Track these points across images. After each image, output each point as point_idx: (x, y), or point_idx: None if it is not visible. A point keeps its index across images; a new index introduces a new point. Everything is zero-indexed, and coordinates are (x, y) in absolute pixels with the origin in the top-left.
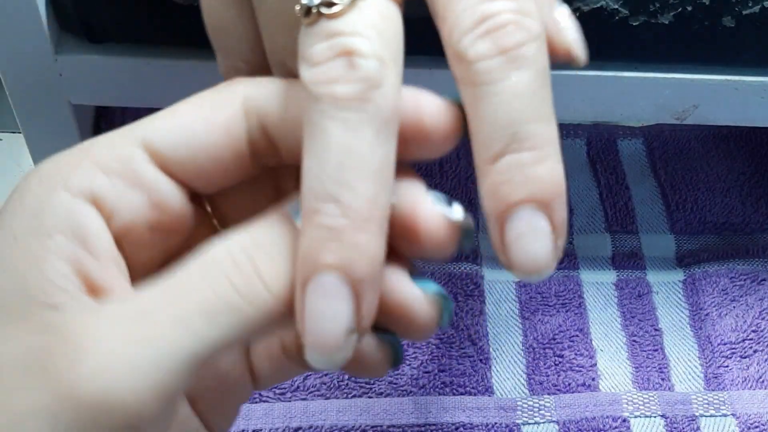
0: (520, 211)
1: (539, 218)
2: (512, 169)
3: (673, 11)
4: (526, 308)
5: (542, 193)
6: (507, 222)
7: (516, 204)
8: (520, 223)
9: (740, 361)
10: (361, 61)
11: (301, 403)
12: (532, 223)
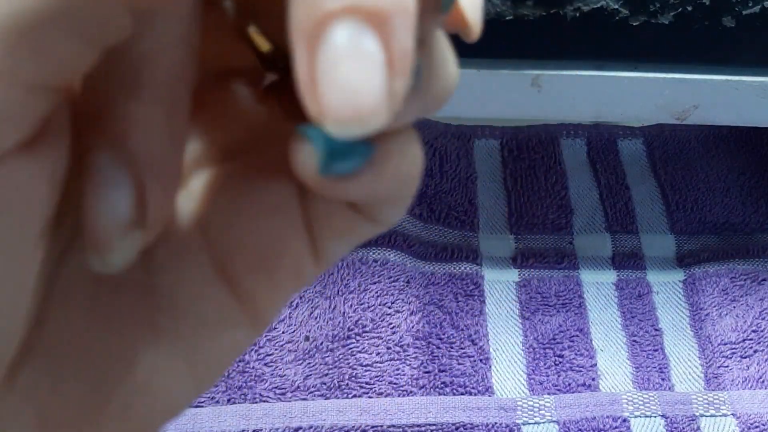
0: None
1: (367, 37)
2: None
3: (673, 11)
4: (526, 308)
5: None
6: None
7: (336, 13)
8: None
9: (740, 361)
10: None
11: (301, 403)
12: (355, 43)
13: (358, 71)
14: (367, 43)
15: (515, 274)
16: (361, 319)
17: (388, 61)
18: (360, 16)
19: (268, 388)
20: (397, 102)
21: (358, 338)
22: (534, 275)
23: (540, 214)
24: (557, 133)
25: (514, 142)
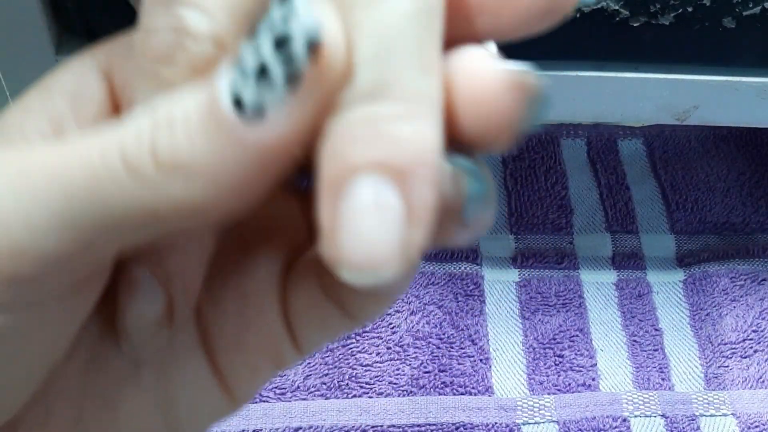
0: (365, 178)
1: (388, 192)
2: (366, 121)
3: (674, 12)
4: (526, 308)
5: (399, 159)
6: (343, 192)
7: (360, 167)
8: (360, 195)
9: (740, 361)
10: (191, 44)
11: (301, 403)
12: (377, 196)
13: (376, 223)
14: (388, 196)
15: (515, 274)
16: None
17: (408, 214)
18: (383, 170)
19: (268, 388)
20: (413, 252)
21: (358, 338)
22: (534, 275)
23: (540, 214)
24: (557, 133)
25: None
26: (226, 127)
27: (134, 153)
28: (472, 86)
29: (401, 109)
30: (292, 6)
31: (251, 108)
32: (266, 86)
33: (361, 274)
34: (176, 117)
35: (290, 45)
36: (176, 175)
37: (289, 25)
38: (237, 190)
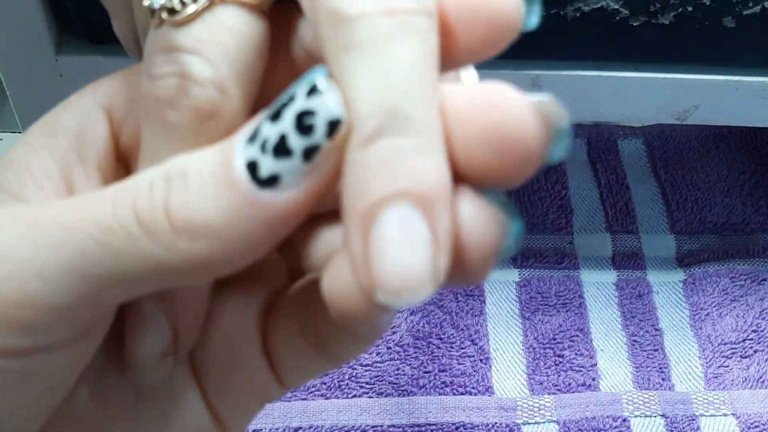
0: (393, 208)
1: (417, 220)
2: (388, 156)
3: (674, 11)
4: (526, 308)
5: (423, 188)
6: (374, 223)
7: (388, 199)
8: (390, 225)
9: (740, 361)
10: (194, 89)
11: (301, 403)
12: (406, 226)
13: (409, 250)
14: (415, 224)
15: (515, 274)
16: None
17: (434, 240)
18: (408, 199)
19: None
20: (441, 275)
21: None
22: (534, 275)
23: (540, 213)
24: None
25: None
26: (241, 191)
27: (147, 209)
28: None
29: (417, 143)
30: (315, 84)
31: (267, 176)
32: (284, 157)
33: (398, 297)
34: (190, 174)
35: (313, 121)
36: (189, 234)
37: (314, 103)
38: (247, 249)
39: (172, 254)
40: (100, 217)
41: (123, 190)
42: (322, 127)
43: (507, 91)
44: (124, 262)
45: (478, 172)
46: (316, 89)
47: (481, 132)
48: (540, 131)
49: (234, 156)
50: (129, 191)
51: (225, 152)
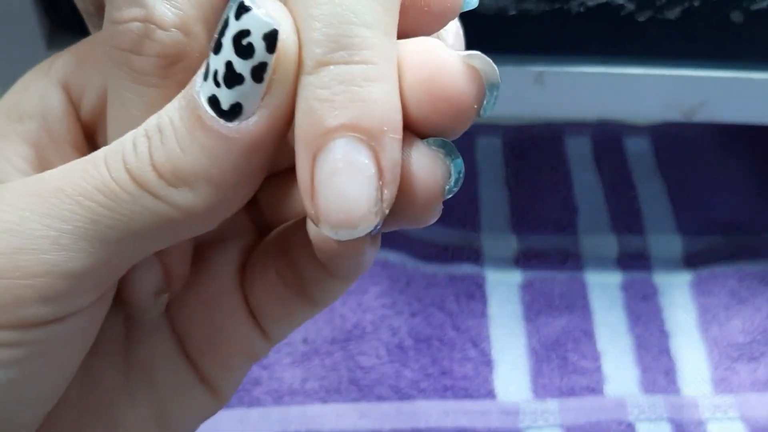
0: (338, 140)
1: (360, 152)
2: (336, 83)
3: (680, 6)
4: (529, 310)
5: (370, 121)
6: (320, 154)
7: (334, 131)
8: (335, 157)
9: (748, 364)
10: (159, 33)
11: (299, 408)
12: (350, 157)
13: (351, 183)
14: (360, 157)
15: (518, 276)
16: (361, 321)
17: (379, 173)
18: (355, 132)
19: (265, 392)
20: (386, 208)
21: (357, 341)
22: (537, 276)
23: (543, 213)
24: (561, 131)
25: (517, 140)
26: (212, 128)
27: (137, 167)
28: (430, 72)
29: (367, 70)
30: (241, 1)
31: (229, 108)
32: (237, 85)
33: (341, 229)
34: (164, 126)
35: (250, 40)
36: (181, 185)
37: (244, 22)
38: (238, 183)
39: (172, 208)
40: (102, 181)
41: (113, 152)
42: (260, 42)
43: (439, 47)
44: (133, 222)
45: (418, 121)
46: (244, 6)
47: (417, 85)
48: (471, 85)
49: (195, 96)
50: (118, 152)
51: (187, 96)
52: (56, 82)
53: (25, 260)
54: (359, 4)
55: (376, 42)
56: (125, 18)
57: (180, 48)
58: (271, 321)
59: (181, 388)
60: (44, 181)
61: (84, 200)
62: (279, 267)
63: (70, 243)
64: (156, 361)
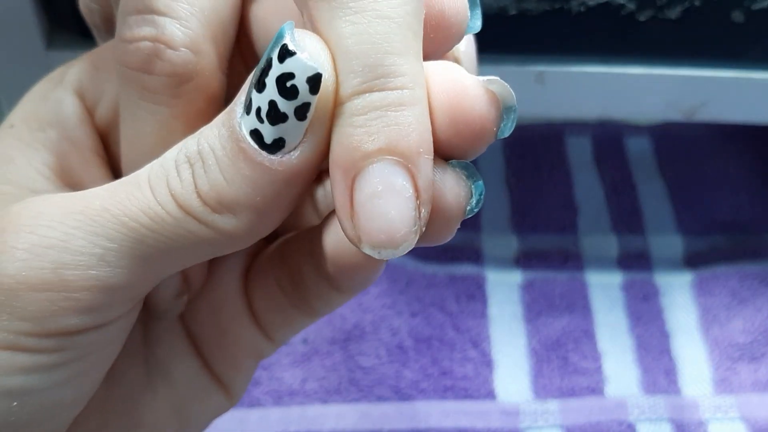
0: (377, 164)
1: (399, 175)
2: (371, 110)
3: (681, 6)
4: (529, 310)
5: (406, 144)
6: (359, 178)
7: (371, 155)
8: (374, 180)
9: (749, 364)
10: (169, 53)
11: (299, 408)
12: (389, 181)
13: (391, 205)
14: (399, 179)
15: (518, 276)
16: (361, 321)
17: (416, 194)
18: (392, 155)
19: (264, 392)
20: (423, 227)
21: (357, 341)
22: (538, 277)
23: (544, 213)
24: (562, 131)
25: (518, 140)
26: (255, 160)
27: (182, 194)
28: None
29: (399, 96)
30: (285, 45)
31: (272, 142)
32: (280, 122)
33: (383, 250)
34: (205, 155)
35: (294, 82)
36: (225, 212)
37: (289, 65)
38: (277, 210)
39: (214, 232)
40: (147, 204)
41: (156, 176)
42: (304, 85)
43: (461, 73)
44: (175, 242)
45: (442, 144)
46: (288, 51)
47: (441, 110)
48: (491, 109)
49: (237, 126)
50: (161, 177)
51: (228, 127)
52: (71, 91)
53: (71, 275)
54: (391, 33)
55: (408, 68)
56: (136, 37)
57: (190, 67)
58: (272, 326)
59: (196, 386)
60: (88, 199)
61: (129, 221)
62: (279, 276)
63: (114, 260)
64: (172, 359)
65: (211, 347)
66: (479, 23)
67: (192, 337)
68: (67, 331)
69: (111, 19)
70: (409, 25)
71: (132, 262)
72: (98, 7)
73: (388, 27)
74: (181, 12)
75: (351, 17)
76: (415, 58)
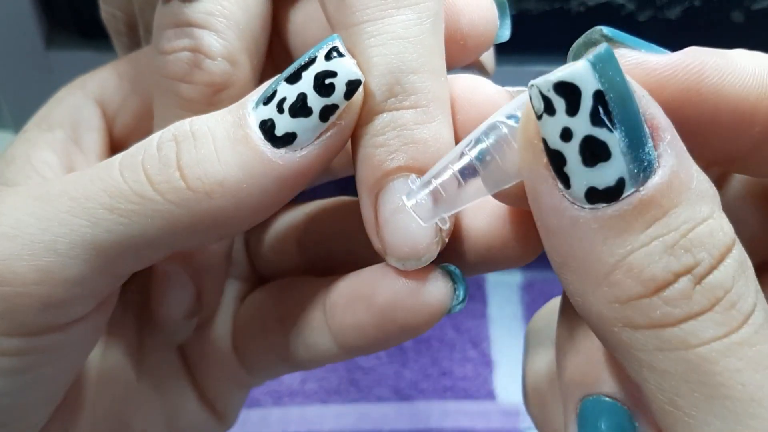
0: (397, 181)
1: (420, 190)
2: (390, 130)
3: (681, 6)
4: (529, 311)
5: (423, 160)
6: (381, 195)
7: (392, 173)
8: (395, 196)
9: None
10: (208, 63)
11: (298, 409)
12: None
13: (413, 219)
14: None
15: (518, 276)
16: None
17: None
18: (411, 172)
19: (264, 393)
20: (445, 237)
21: None
22: (537, 277)
23: None
24: None
25: None
26: (256, 148)
27: (159, 169)
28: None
29: (417, 114)
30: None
31: (282, 134)
32: (302, 116)
33: (407, 261)
34: (199, 134)
35: (334, 81)
36: (203, 191)
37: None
38: (259, 206)
39: (185, 211)
40: (111, 183)
41: (130, 155)
42: (342, 87)
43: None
44: (136, 225)
45: None
46: (337, 51)
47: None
48: None
49: (246, 115)
50: (136, 156)
51: (236, 113)
52: (92, 98)
53: (21, 266)
54: (406, 52)
55: (423, 85)
56: (175, 48)
57: (227, 77)
58: (253, 365)
59: (183, 401)
60: (51, 185)
61: (86, 201)
62: (267, 320)
63: (65, 249)
64: (164, 369)
65: (197, 366)
66: (508, 32)
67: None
68: (28, 331)
69: (133, 27)
70: (424, 43)
71: (87, 251)
72: (122, 14)
73: (403, 47)
74: (218, 25)
75: (368, 40)
76: (431, 72)
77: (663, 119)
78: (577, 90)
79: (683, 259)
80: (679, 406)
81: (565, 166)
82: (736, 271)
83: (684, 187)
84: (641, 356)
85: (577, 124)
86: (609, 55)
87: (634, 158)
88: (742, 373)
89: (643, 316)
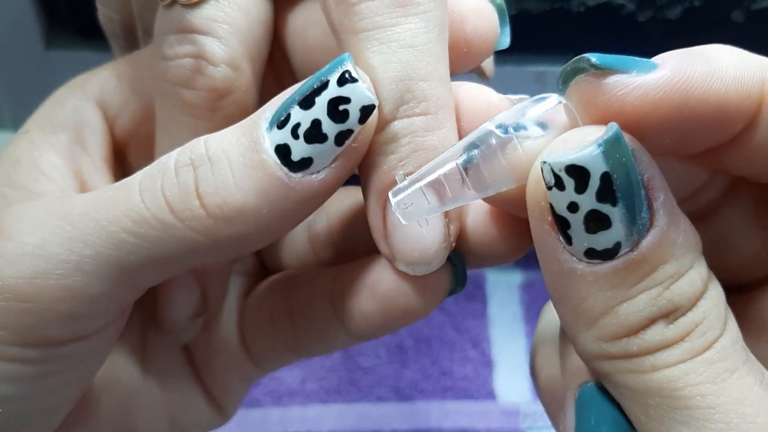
0: None
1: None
2: (401, 137)
3: (681, 6)
4: (529, 311)
5: None
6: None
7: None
8: (405, 202)
9: None
10: (210, 69)
11: (299, 409)
12: (419, 203)
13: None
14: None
15: (518, 276)
16: None
17: (444, 213)
18: None
19: (264, 393)
20: (453, 242)
21: None
22: (537, 277)
23: None
24: None
25: None
26: (273, 174)
27: (179, 196)
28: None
29: (425, 121)
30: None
31: (299, 159)
32: (317, 142)
33: (416, 266)
34: (216, 159)
35: (347, 107)
36: (223, 218)
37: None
38: (278, 228)
39: (206, 237)
40: (132, 208)
41: (149, 179)
42: (356, 113)
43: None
44: (158, 249)
45: None
46: (350, 75)
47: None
48: None
49: (261, 139)
50: (155, 179)
51: (250, 136)
52: (92, 99)
53: (48, 285)
54: (415, 60)
55: (432, 92)
56: (177, 54)
57: (229, 83)
58: (260, 357)
59: (188, 398)
60: (73, 205)
61: (109, 226)
62: (275, 312)
63: (91, 269)
64: (169, 369)
65: (202, 362)
66: (508, 39)
67: (187, 350)
68: (50, 342)
69: (130, 30)
70: (432, 51)
71: (111, 271)
72: (118, 17)
73: (412, 55)
74: (220, 31)
75: (378, 48)
76: (438, 80)
77: (659, 180)
78: (586, 173)
79: (664, 308)
80: (652, 417)
81: (568, 228)
82: (707, 308)
83: (672, 244)
84: (618, 379)
85: (583, 199)
86: (617, 138)
87: (632, 224)
88: (700, 387)
89: (622, 350)
